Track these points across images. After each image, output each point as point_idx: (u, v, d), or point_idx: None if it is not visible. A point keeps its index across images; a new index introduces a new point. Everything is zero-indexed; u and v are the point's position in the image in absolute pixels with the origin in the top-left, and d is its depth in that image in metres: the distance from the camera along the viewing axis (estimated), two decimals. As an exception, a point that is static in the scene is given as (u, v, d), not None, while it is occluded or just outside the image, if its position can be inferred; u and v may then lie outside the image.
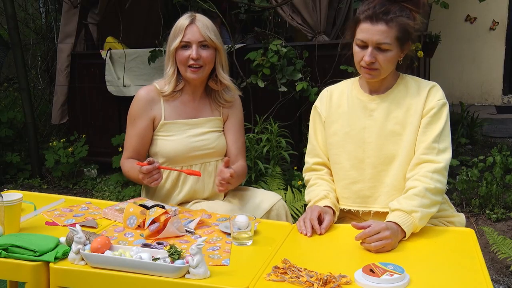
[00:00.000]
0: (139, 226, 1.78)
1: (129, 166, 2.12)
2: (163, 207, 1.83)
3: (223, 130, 2.22)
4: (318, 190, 1.94)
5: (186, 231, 1.76)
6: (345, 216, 2.00)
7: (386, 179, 1.86)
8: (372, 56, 1.77)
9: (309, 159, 2.06)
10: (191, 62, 2.04)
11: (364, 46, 1.79)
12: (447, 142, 1.83)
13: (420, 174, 1.77)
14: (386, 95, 1.87)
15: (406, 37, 1.79)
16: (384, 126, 1.85)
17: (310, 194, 1.96)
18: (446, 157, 1.81)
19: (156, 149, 2.13)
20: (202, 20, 2.07)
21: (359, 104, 1.91)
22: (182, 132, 2.12)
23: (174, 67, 2.10)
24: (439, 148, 1.80)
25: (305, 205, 3.33)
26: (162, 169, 2.03)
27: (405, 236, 1.67)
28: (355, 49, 1.82)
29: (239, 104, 2.26)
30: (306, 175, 2.06)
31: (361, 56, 1.80)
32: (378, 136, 1.86)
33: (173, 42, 2.06)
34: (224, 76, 2.14)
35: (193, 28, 2.04)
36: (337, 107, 1.96)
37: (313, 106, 2.05)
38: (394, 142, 1.84)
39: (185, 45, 2.04)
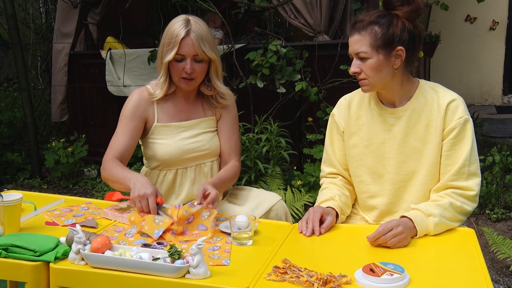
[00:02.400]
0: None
1: (114, 172, 1.98)
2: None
3: (217, 130, 2.20)
4: (326, 193, 1.95)
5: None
6: (355, 214, 2.02)
7: (405, 195, 1.86)
8: (355, 66, 1.79)
9: (324, 168, 2.05)
10: (185, 75, 2.02)
11: (352, 59, 1.82)
12: (477, 163, 1.79)
13: (446, 193, 1.77)
14: (405, 109, 1.83)
15: (386, 43, 1.75)
16: (404, 142, 1.83)
17: (319, 197, 1.97)
18: (476, 181, 1.77)
19: (150, 153, 2.12)
20: (197, 31, 2.00)
21: (378, 118, 1.88)
22: (175, 135, 2.10)
23: (166, 75, 2.07)
24: (469, 171, 1.76)
25: (305, 205, 3.36)
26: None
27: (416, 235, 1.68)
28: None
29: (233, 103, 2.22)
30: (321, 181, 2.08)
31: None
32: (398, 152, 1.84)
33: (168, 54, 2.00)
34: (219, 85, 2.12)
35: (188, 40, 1.99)
36: (356, 118, 1.94)
37: (331, 113, 2.02)
38: (414, 159, 1.83)
39: (180, 58, 2.01)
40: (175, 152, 2.09)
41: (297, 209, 3.32)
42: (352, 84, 3.55)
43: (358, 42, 1.76)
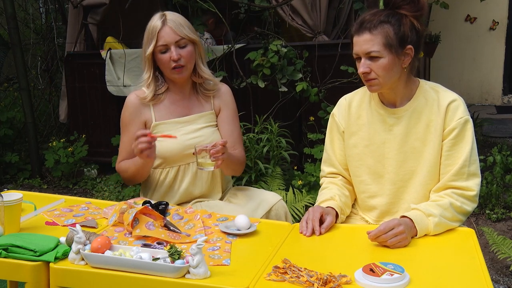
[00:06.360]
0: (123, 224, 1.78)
1: (126, 163, 2.12)
2: (165, 205, 1.84)
3: (217, 125, 2.20)
4: (326, 192, 1.95)
5: (170, 229, 1.75)
6: (355, 214, 2.02)
7: (405, 195, 1.86)
8: (365, 66, 1.77)
9: (324, 168, 2.05)
10: (173, 64, 2.03)
11: (359, 58, 1.80)
12: (477, 163, 1.79)
13: (446, 193, 1.77)
14: (405, 109, 1.83)
15: (398, 42, 1.74)
16: (404, 142, 1.83)
17: (319, 197, 1.97)
18: (476, 181, 1.77)
19: None
20: (173, 19, 2.05)
21: (378, 118, 1.88)
22: (175, 131, 2.09)
23: (150, 72, 2.09)
24: (469, 171, 1.76)
25: (306, 206, 3.35)
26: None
27: (416, 235, 1.68)
28: (356, 63, 1.82)
29: (230, 95, 2.23)
30: (321, 180, 2.07)
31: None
32: (398, 152, 1.84)
33: (148, 47, 2.05)
34: (203, 69, 2.13)
35: (166, 30, 2.02)
36: (357, 117, 1.93)
37: (331, 113, 2.02)
38: (414, 159, 1.83)
39: (164, 49, 2.03)
40: (176, 148, 2.09)
41: (298, 210, 3.32)
42: (352, 84, 3.55)
43: (370, 42, 1.74)
